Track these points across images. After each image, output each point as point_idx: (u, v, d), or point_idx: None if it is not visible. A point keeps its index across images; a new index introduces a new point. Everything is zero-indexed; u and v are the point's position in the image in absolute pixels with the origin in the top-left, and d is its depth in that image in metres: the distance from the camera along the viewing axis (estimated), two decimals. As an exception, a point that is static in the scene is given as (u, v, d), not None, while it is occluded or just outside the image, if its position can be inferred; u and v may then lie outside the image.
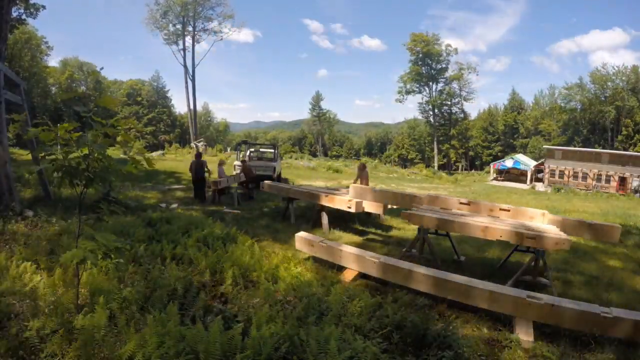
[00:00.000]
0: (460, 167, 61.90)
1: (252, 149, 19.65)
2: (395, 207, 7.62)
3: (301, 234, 5.99)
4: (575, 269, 6.44)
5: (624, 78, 53.13)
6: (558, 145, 47.81)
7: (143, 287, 3.84)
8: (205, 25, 51.75)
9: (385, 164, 58.31)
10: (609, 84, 54.07)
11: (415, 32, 59.98)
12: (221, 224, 7.26)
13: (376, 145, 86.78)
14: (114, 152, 3.35)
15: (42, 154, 3.18)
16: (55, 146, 3.19)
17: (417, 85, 61.45)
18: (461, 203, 6.36)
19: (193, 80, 52.25)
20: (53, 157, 3.08)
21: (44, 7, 21.12)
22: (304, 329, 3.26)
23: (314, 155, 67.83)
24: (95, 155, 3.07)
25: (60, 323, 3.09)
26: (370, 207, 8.13)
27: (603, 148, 45.30)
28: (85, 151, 3.02)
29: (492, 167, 44.69)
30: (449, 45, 59.87)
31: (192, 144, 41.96)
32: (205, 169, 11.51)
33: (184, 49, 51.74)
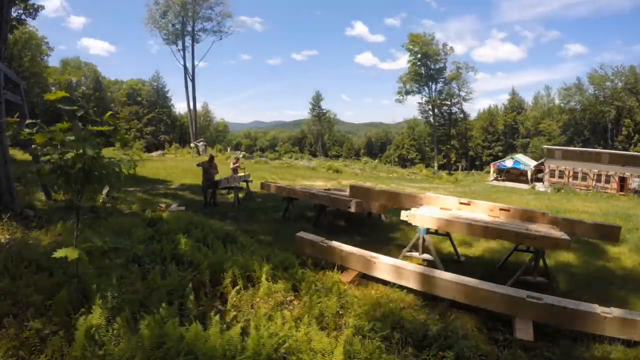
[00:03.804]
0: (460, 167, 61.77)
1: None
2: (395, 207, 7.60)
3: (301, 234, 5.98)
4: (575, 269, 6.43)
5: (622, 78, 53.13)
6: (558, 145, 47.75)
7: (142, 287, 3.83)
8: (205, 25, 51.81)
9: (385, 164, 58.25)
10: (608, 84, 54.08)
11: (413, 32, 60.23)
12: (221, 224, 7.26)
13: (376, 145, 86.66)
14: (114, 153, 3.34)
15: (38, 154, 3.17)
16: (55, 147, 3.18)
17: (417, 86, 61.53)
18: (461, 203, 6.35)
19: (193, 80, 52.30)
20: (49, 157, 3.08)
21: (43, 7, 21.12)
22: (303, 329, 3.26)
23: (314, 155, 67.77)
24: (89, 154, 3.05)
25: (59, 323, 3.09)
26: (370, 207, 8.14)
27: (603, 148, 45.23)
28: (80, 151, 3.02)
29: (492, 167, 44.61)
30: (445, 44, 60.17)
31: (192, 144, 41.98)
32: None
33: (184, 49, 51.80)
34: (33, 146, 3.23)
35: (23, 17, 20.88)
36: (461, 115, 64.42)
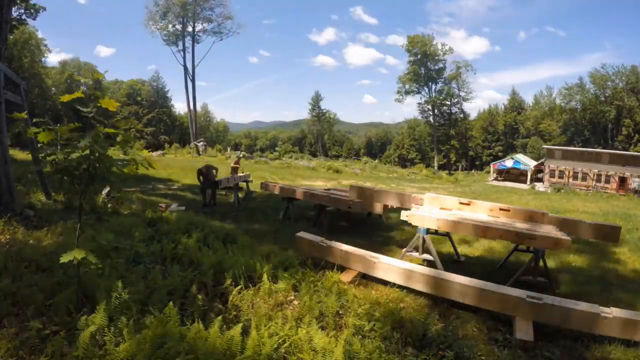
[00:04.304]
0: (460, 167, 61.76)
1: None
2: (395, 207, 7.61)
3: (301, 234, 5.99)
4: (575, 269, 6.44)
5: (623, 78, 53.17)
6: (558, 145, 47.76)
7: (143, 287, 3.84)
8: (205, 26, 51.86)
9: (385, 164, 58.29)
10: (609, 83, 54.13)
11: (410, 34, 60.58)
12: (221, 224, 7.26)
13: (376, 145, 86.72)
14: (114, 153, 3.34)
15: (43, 155, 3.18)
16: (56, 147, 3.19)
17: (416, 86, 61.67)
18: (461, 203, 6.35)
19: (193, 81, 52.41)
20: (53, 157, 3.08)
21: (44, 8, 21.11)
22: (303, 329, 3.26)
23: (314, 155, 67.82)
24: (97, 155, 3.07)
25: (60, 323, 3.09)
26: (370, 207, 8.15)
27: (603, 148, 45.24)
28: (87, 151, 3.02)
29: (492, 167, 44.64)
30: (444, 44, 60.29)
31: (192, 144, 42.02)
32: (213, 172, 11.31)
33: (184, 50, 51.86)
34: (39, 145, 3.24)
35: (23, 17, 20.88)
36: (461, 115, 64.50)
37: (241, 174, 13.57)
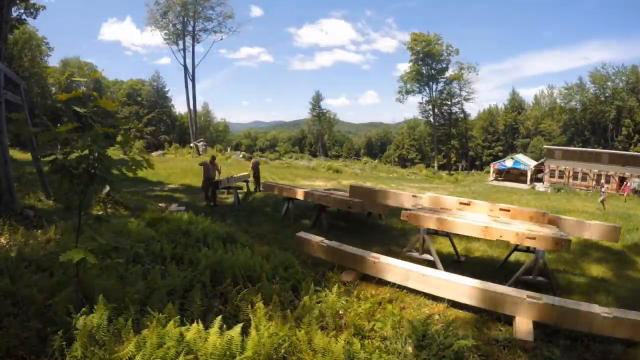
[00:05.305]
0: (460, 167, 61.70)
1: None
2: (395, 207, 7.60)
3: (301, 234, 5.99)
4: (575, 269, 6.43)
5: (623, 78, 53.12)
6: (558, 145, 47.72)
7: (143, 287, 3.83)
8: (206, 25, 51.80)
9: (385, 164, 58.27)
10: (609, 83, 54.08)
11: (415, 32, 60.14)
12: (221, 224, 7.26)
13: (376, 145, 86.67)
14: (114, 152, 3.33)
15: (42, 155, 3.17)
16: (55, 147, 3.18)
17: (418, 85, 61.43)
18: (461, 203, 6.35)
19: (193, 80, 52.26)
20: (53, 157, 3.07)
21: (44, 7, 21.12)
22: (303, 329, 3.26)
23: (314, 155, 67.79)
24: (96, 155, 3.06)
25: (60, 323, 3.09)
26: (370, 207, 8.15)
27: (603, 148, 45.18)
28: (86, 151, 3.02)
29: (492, 167, 44.61)
30: (449, 45, 59.96)
31: (192, 144, 42.00)
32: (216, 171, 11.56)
33: (184, 49, 51.77)
34: (37, 146, 3.24)
35: (23, 17, 20.88)
36: (461, 115, 64.43)
37: (241, 174, 13.59)
